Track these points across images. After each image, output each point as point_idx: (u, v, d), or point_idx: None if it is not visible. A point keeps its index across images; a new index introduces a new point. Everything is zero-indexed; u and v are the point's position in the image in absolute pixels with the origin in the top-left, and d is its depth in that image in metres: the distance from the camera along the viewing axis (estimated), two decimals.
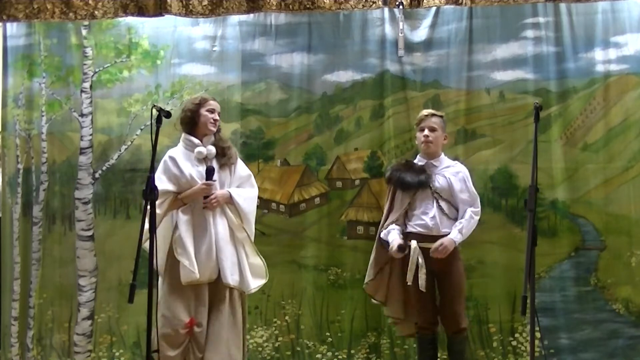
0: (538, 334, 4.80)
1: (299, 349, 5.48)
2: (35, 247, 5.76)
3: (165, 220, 4.31)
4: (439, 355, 4.62)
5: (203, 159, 4.37)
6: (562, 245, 5.25)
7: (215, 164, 4.38)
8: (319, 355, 5.45)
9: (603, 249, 5.22)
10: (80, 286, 5.67)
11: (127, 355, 5.61)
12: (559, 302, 5.21)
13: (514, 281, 5.13)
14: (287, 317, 5.48)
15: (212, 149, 4.38)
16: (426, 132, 4.50)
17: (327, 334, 5.45)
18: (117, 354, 5.63)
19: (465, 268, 4.69)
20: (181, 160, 4.37)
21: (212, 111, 4.42)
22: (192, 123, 4.43)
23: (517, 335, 5.26)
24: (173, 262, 4.28)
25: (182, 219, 4.30)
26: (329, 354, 5.44)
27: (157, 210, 4.08)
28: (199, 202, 4.30)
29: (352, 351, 5.41)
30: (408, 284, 4.43)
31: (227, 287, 4.26)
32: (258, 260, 4.38)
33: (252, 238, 4.41)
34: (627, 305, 5.18)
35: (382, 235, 4.57)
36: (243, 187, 4.42)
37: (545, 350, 5.10)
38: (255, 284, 4.35)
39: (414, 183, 4.43)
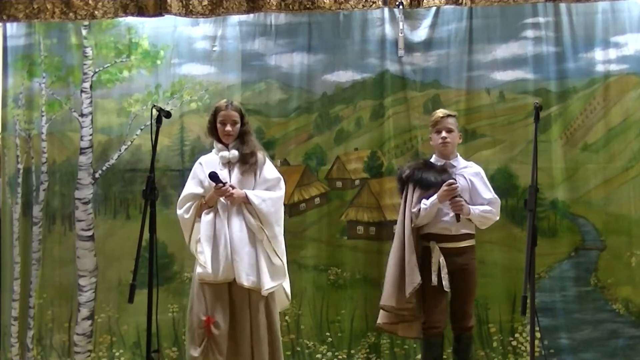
0: (538, 334, 4.80)
1: (299, 349, 5.48)
2: (35, 247, 5.76)
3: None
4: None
5: (227, 163, 4.39)
6: (562, 245, 5.25)
7: (237, 169, 4.38)
8: (319, 355, 5.45)
9: (603, 249, 5.22)
10: (80, 286, 5.67)
11: (127, 355, 5.61)
12: (559, 302, 5.22)
13: (514, 281, 5.14)
14: (287, 317, 5.47)
15: (235, 153, 4.38)
16: (444, 133, 4.48)
17: (327, 334, 5.45)
18: (117, 354, 5.62)
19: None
20: (208, 165, 4.42)
21: (223, 123, 4.40)
22: (214, 132, 4.48)
23: (517, 335, 5.26)
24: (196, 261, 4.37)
25: (204, 220, 4.35)
26: (329, 354, 5.44)
27: (186, 215, 4.34)
28: (220, 204, 4.31)
29: (352, 351, 5.41)
30: (433, 285, 4.40)
31: (248, 289, 4.26)
32: (277, 261, 4.33)
33: (277, 239, 4.35)
34: (627, 305, 5.18)
35: (416, 223, 4.46)
36: (271, 190, 4.38)
37: (545, 350, 5.10)
38: (271, 284, 4.28)
39: (437, 182, 4.40)
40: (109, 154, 5.73)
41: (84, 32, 5.73)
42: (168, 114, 4.10)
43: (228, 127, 4.39)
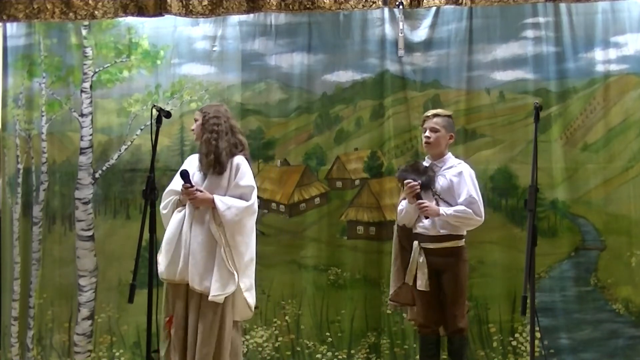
0: (538, 334, 4.80)
1: (299, 349, 5.48)
2: (35, 247, 5.76)
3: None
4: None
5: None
6: (562, 245, 5.25)
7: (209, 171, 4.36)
8: (319, 355, 5.45)
9: (603, 249, 5.22)
10: (80, 286, 5.67)
11: (127, 355, 5.61)
12: (559, 302, 5.21)
13: (514, 281, 5.13)
14: (287, 317, 5.48)
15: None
16: (427, 132, 4.50)
17: (327, 334, 5.45)
18: (117, 354, 5.63)
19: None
20: (190, 163, 4.44)
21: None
22: None
23: (517, 335, 5.26)
24: None
25: (173, 218, 4.35)
26: (329, 354, 5.44)
27: (163, 211, 4.35)
28: (189, 205, 4.29)
29: (352, 351, 5.41)
30: (408, 283, 4.44)
31: (201, 293, 4.22)
32: (233, 270, 4.23)
33: (237, 249, 4.25)
34: (627, 305, 5.18)
35: (397, 222, 4.56)
36: (243, 197, 4.32)
37: (545, 350, 5.10)
38: (218, 292, 4.17)
39: None
40: (109, 154, 5.73)
41: (84, 32, 5.73)
42: (168, 114, 4.11)
43: (193, 125, 4.47)
